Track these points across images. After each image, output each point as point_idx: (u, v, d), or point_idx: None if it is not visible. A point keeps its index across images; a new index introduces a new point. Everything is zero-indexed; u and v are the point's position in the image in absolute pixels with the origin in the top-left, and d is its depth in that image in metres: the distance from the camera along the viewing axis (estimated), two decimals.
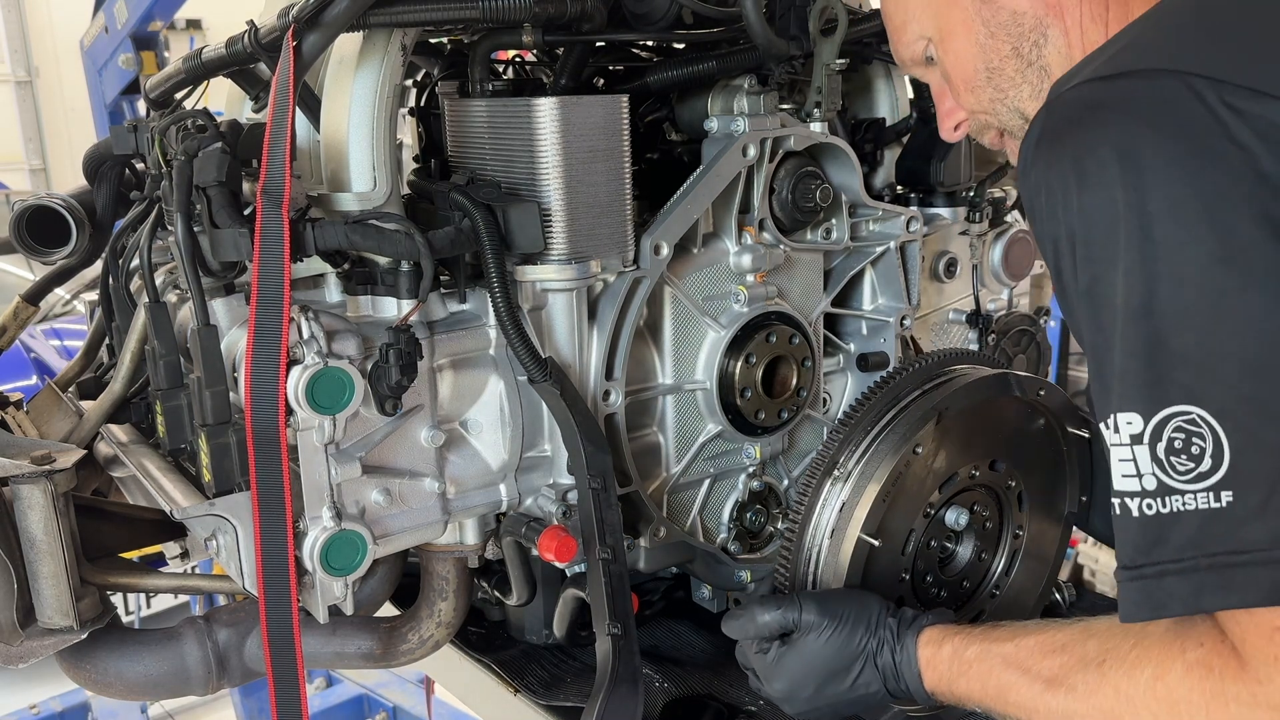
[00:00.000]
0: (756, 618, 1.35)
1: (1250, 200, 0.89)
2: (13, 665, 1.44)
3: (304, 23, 1.30)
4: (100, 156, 1.92)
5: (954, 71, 1.28)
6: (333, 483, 1.34)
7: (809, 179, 1.64)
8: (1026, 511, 1.58)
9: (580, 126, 1.41)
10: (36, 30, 11.89)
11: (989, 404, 1.48)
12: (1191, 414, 0.90)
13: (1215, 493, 0.90)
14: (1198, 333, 0.90)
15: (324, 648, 1.56)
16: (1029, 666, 1.12)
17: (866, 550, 1.39)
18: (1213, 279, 0.90)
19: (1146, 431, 0.93)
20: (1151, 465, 0.92)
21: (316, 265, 1.42)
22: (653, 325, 1.59)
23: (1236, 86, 0.91)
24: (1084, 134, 0.96)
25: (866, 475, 1.40)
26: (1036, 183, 1.01)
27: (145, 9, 4.91)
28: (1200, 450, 0.90)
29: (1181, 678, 0.94)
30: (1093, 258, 0.96)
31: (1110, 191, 0.93)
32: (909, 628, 1.28)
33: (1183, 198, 0.90)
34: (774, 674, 1.34)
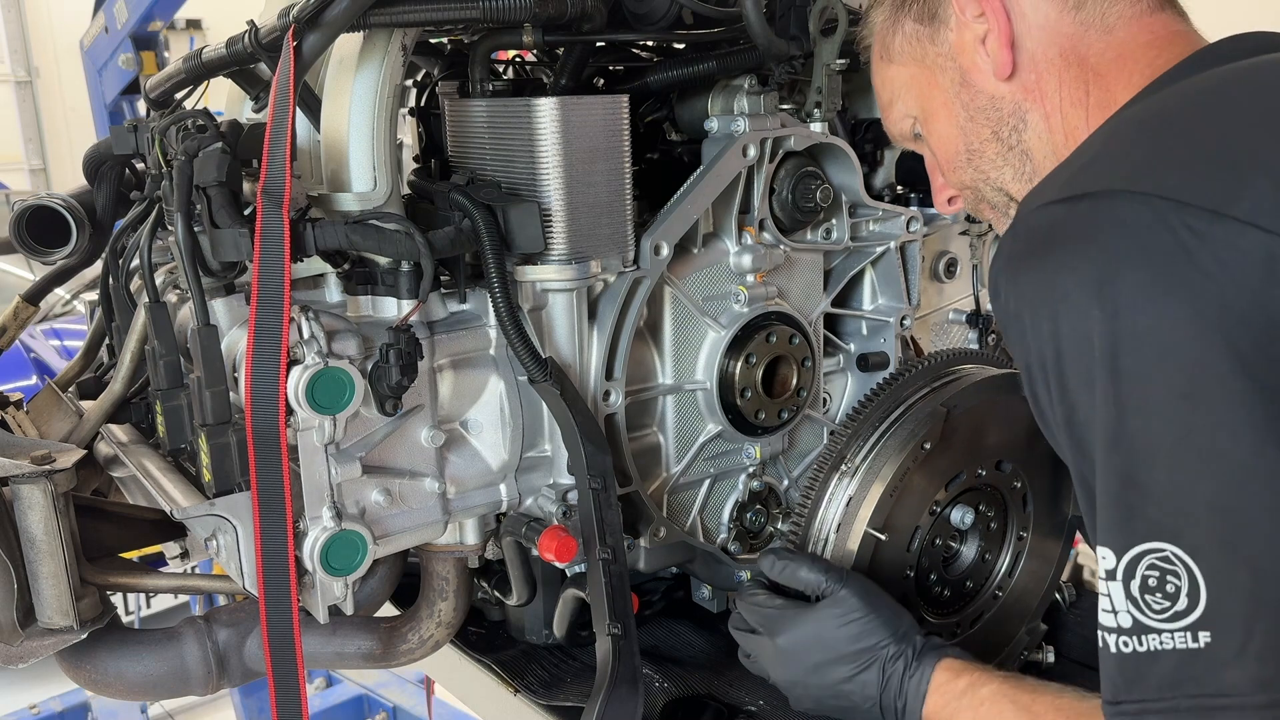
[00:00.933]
0: (801, 568, 1.32)
1: (1217, 331, 0.87)
2: (13, 665, 1.44)
3: (304, 23, 1.30)
4: (100, 156, 1.92)
5: (938, 151, 1.29)
6: (333, 483, 1.34)
7: (809, 179, 1.64)
8: (1031, 513, 1.58)
9: (580, 126, 1.41)
10: (36, 30, 11.90)
11: (997, 403, 1.48)
12: (1165, 551, 0.89)
13: (1193, 633, 0.88)
14: (1166, 469, 0.89)
15: (324, 648, 1.56)
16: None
17: (873, 544, 1.39)
18: (1178, 415, 0.88)
19: (1120, 568, 0.91)
20: (1126, 603, 0.91)
21: (316, 265, 1.42)
22: (653, 325, 1.60)
23: (1199, 209, 0.89)
24: (1047, 260, 0.95)
25: (874, 470, 1.40)
26: (1005, 307, 1.00)
27: (145, 9, 4.91)
28: (1175, 589, 0.88)
29: None
30: (1067, 388, 0.95)
31: (1077, 321, 0.92)
32: (933, 651, 1.27)
33: (1147, 330, 0.88)
34: (782, 629, 1.31)
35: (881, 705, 1.27)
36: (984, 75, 1.20)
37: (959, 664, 1.25)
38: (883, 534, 1.39)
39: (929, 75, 1.26)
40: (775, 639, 1.32)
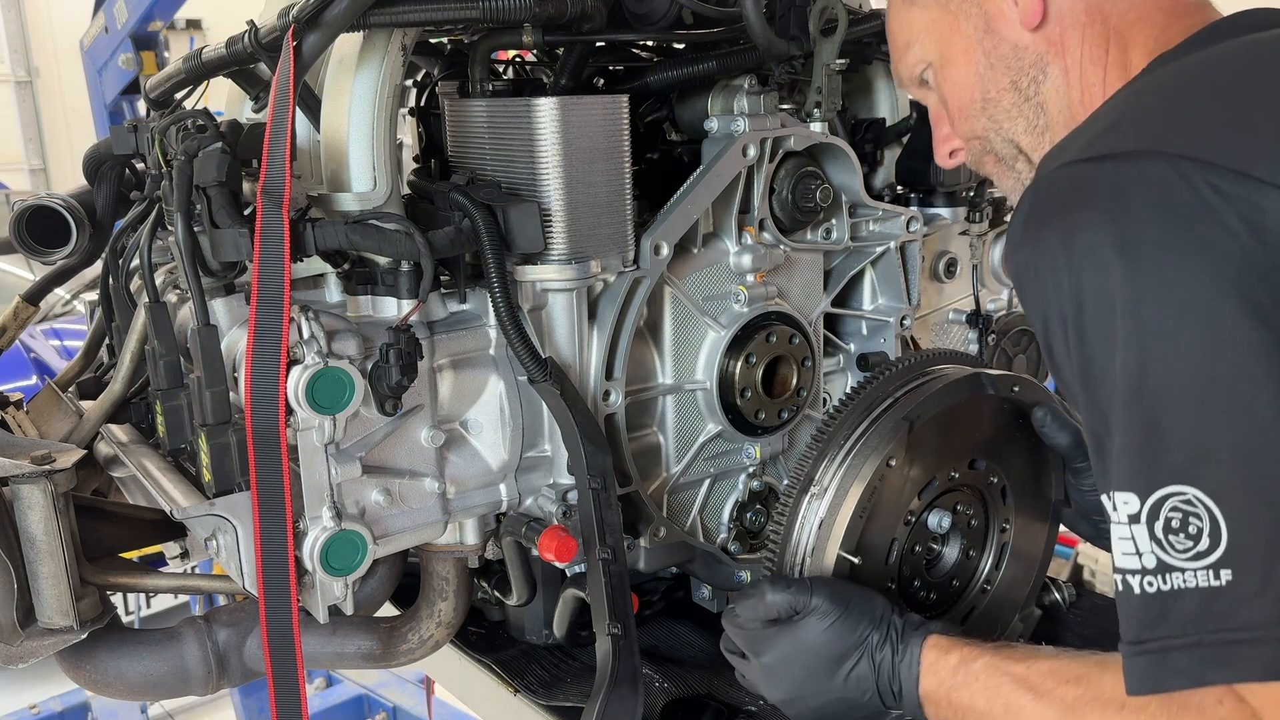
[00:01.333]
0: (766, 596, 1.32)
1: (1237, 287, 0.89)
2: (13, 665, 1.44)
3: (304, 23, 1.30)
4: (100, 156, 1.92)
5: (951, 98, 1.29)
6: (333, 483, 1.34)
7: (809, 179, 1.64)
8: (1012, 505, 1.57)
9: (580, 126, 1.41)
10: (36, 30, 11.90)
11: (962, 406, 1.47)
12: (1187, 494, 0.91)
13: (1215, 571, 0.90)
14: (1189, 416, 0.91)
15: (324, 648, 1.55)
16: (1043, 691, 1.10)
17: (847, 567, 1.38)
18: (1201, 365, 0.90)
19: (1144, 511, 0.94)
20: (1150, 544, 0.93)
21: (316, 265, 1.42)
22: (653, 325, 1.60)
23: (1223, 169, 0.91)
24: (1071, 217, 0.97)
25: (842, 492, 1.38)
26: (1025, 261, 1.01)
27: (145, 9, 4.91)
28: (1198, 529, 0.91)
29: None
30: (1085, 340, 0.97)
31: (1100, 275, 0.94)
32: (915, 630, 1.26)
33: (1170, 284, 0.91)
34: (765, 649, 1.31)
35: (879, 693, 1.26)
36: (1010, 24, 1.20)
37: (946, 641, 1.24)
38: (856, 557, 1.37)
39: (951, 20, 1.26)
40: (761, 660, 1.31)
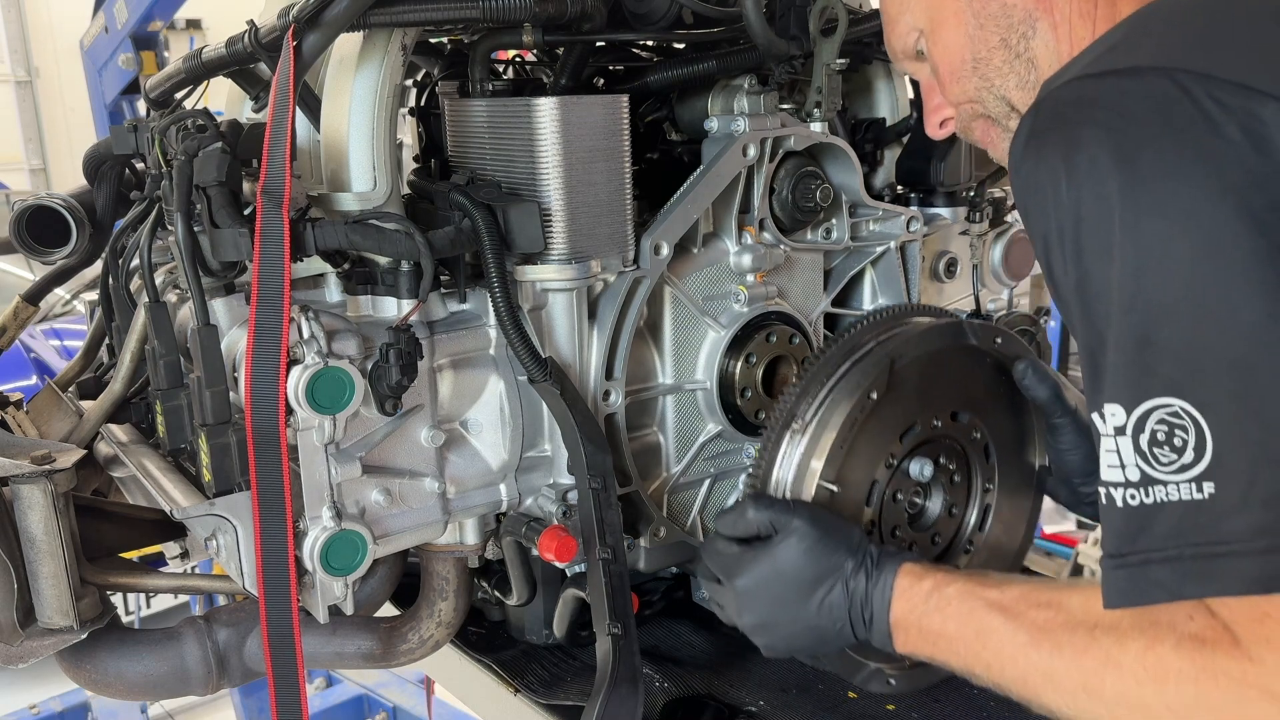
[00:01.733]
0: (748, 513, 1.34)
1: (1235, 196, 0.90)
2: (13, 665, 1.44)
3: (304, 22, 1.30)
4: (100, 156, 1.92)
5: (941, 62, 1.29)
6: (333, 483, 1.34)
7: (809, 179, 1.64)
8: (995, 464, 1.57)
9: (580, 126, 1.41)
10: (36, 30, 11.89)
11: (945, 352, 1.48)
12: (1174, 406, 0.91)
13: (1198, 484, 0.90)
14: (1182, 327, 0.91)
15: (324, 648, 1.55)
16: (1015, 614, 1.11)
17: (826, 497, 1.39)
18: (1196, 275, 0.90)
19: (1129, 423, 0.94)
20: (1135, 457, 0.94)
21: (316, 265, 1.42)
22: (653, 325, 1.60)
23: (1223, 81, 0.92)
24: (1073, 131, 0.97)
25: (822, 425, 1.40)
26: (1027, 179, 1.02)
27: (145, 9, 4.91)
28: (1183, 442, 0.91)
29: (1173, 649, 0.94)
30: (1083, 252, 0.97)
31: (1099, 187, 0.94)
32: (890, 558, 1.27)
33: (1168, 194, 0.91)
34: (741, 571, 1.31)
35: (850, 620, 1.27)
36: None
37: (920, 568, 1.25)
38: (835, 486, 1.38)
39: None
40: (736, 583, 1.32)
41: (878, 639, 1.26)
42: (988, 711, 1.54)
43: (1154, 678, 0.95)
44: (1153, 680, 0.95)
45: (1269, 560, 0.88)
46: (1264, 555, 0.88)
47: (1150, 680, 0.95)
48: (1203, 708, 0.92)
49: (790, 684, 1.62)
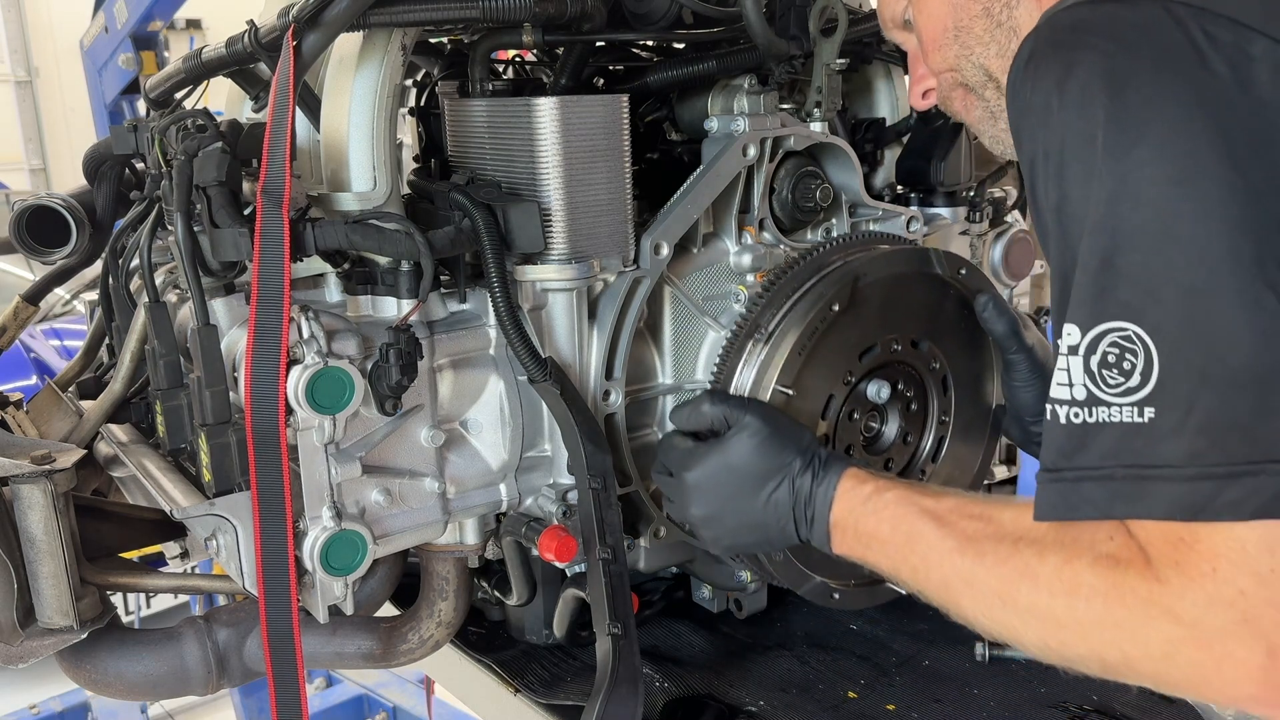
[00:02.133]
0: (703, 406, 1.37)
1: (1215, 130, 0.91)
2: (13, 665, 1.44)
3: (304, 22, 1.30)
4: (100, 156, 1.92)
5: (925, 30, 1.30)
6: (333, 483, 1.34)
7: (809, 179, 1.64)
8: (953, 398, 1.59)
9: (580, 126, 1.41)
10: (36, 30, 11.89)
11: (909, 277, 1.51)
12: (1128, 330, 0.93)
13: (1139, 408, 0.92)
14: (1145, 252, 0.92)
15: (324, 648, 1.55)
16: (946, 522, 1.14)
17: (782, 401, 1.42)
18: (1166, 201, 0.91)
19: (1083, 344, 0.95)
20: (1083, 376, 0.95)
21: (316, 265, 1.42)
22: (653, 325, 1.59)
23: (1216, 15, 0.93)
24: (1067, 54, 0.98)
25: (784, 333, 1.44)
26: (1022, 102, 1.03)
27: (145, 9, 4.90)
28: (1131, 366, 0.92)
29: (1089, 565, 0.97)
30: (1065, 175, 0.98)
31: (1087, 110, 0.95)
32: (837, 461, 1.30)
33: (1151, 121, 0.92)
34: (693, 464, 1.34)
35: (794, 519, 1.30)
36: None
37: (864, 473, 1.28)
38: (790, 390, 1.41)
39: None
40: (686, 475, 1.35)
41: (817, 539, 1.29)
42: (988, 711, 1.54)
43: (1066, 591, 0.97)
44: (1065, 593, 0.98)
45: (1196, 486, 0.89)
46: (1192, 481, 0.89)
47: (1062, 593, 0.98)
48: (1107, 623, 0.95)
49: (790, 684, 1.62)
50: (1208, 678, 0.90)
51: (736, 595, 1.76)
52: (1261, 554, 0.87)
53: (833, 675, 1.64)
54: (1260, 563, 0.87)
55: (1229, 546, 0.88)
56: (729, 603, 1.77)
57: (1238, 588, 0.87)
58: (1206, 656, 0.89)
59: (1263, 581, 0.87)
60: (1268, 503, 0.87)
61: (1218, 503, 0.88)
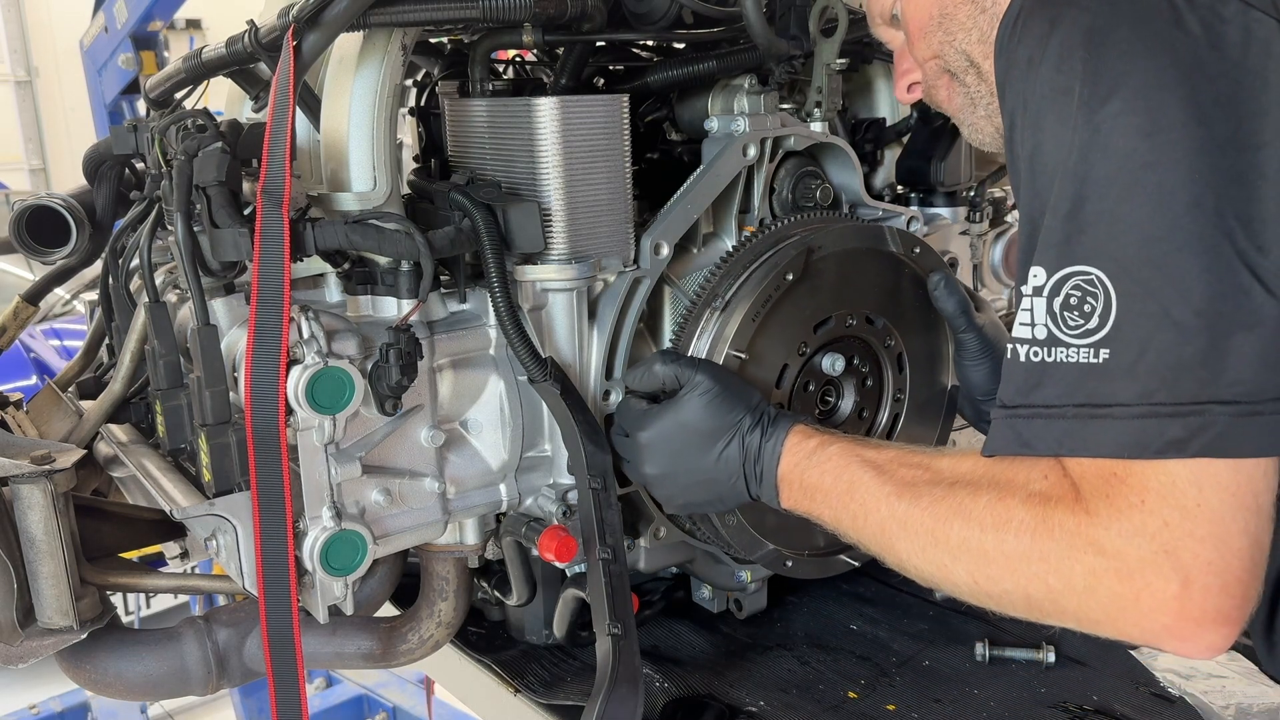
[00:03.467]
0: (654, 366, 1.42)
1: (1186, 85, 0.94)
2: (13, 665, 1.43)
3: (304, 22, 1.30)
4: (100, 156, 1.92)
5: (912, 20, 1.32)
6: (333, 483, 1.34)
7: (809, 179, 1.64)
8: (908, 376, 1.62)
9: (580, 126, 1.41)
10: (36, 30, 11.90)
11: (865, 253, 1.54)
12: (1091, 274, 0.96)
13: (1095, 349, 0.96)
14: (1113, 200, 0.95)
15: (324, 648, 1.55)
16: (885, 470, 1.19)
17: (736, 365, 1.45)
18: (1136, 151, 0.95)
19: (1048, 285, 0.98)
20: (1045, 317, 0.98)
21: (316, 265, 1.42)
22: (653, 325, 1.59)
23: None
24: (1053, 11, 1.01)
25: (739, 301, 1.47)
26: (1009, 57, 1.06)
27: (145, 9, 4.91)
28: (1091, 309, 0.96)
29: (1021, 502, 1.01)
30: (1042, 124, 1.01)
31: (1066, 64, 0.99)
32: (785, 418, 1.35)
33: (1125, 74, 0.96)
34: (647, 424, 1.39)
35: (745, 475, 1.34)
36: None
37: (810, 429, 1.33)
38: (744, 354, 1.45)
39: None
40: (640, 434, 1.40)
41: (766, 494, 1.34)
42: (988, 712, 1.54)
43: (996, 525, 1.01)
44: (994, 528, 1.01)
45: (1144, 424, 0.93)
46: (1140, 419, 0.93)
47: (992, 528, 1.02)
48: (1034, 555, 0.98)
49: (791, 684, 1.62)
50: (1125, 609, 0.94)
51: (736, 595, 1.76)
52: (1189, 488, 0.91)
53: (833, 675, 1.64)
54: (1187, 496, 0.91)
55: (1159, 481, 0.92)
56: (729, 603, 1.77)
57: (1162, 519, 0.91)
58: (1126, 588, 0.93)
59: (1187, 514, 0.91)
60: (1210, 442, 0.91)
61: (1162, 441, 0.92)
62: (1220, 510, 0.91)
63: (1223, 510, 0.91)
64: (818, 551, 1.62)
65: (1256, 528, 0.92)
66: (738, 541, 1.54)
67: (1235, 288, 0.92)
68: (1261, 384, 0.92)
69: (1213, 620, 0.92)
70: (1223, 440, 0.91)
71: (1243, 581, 0.92)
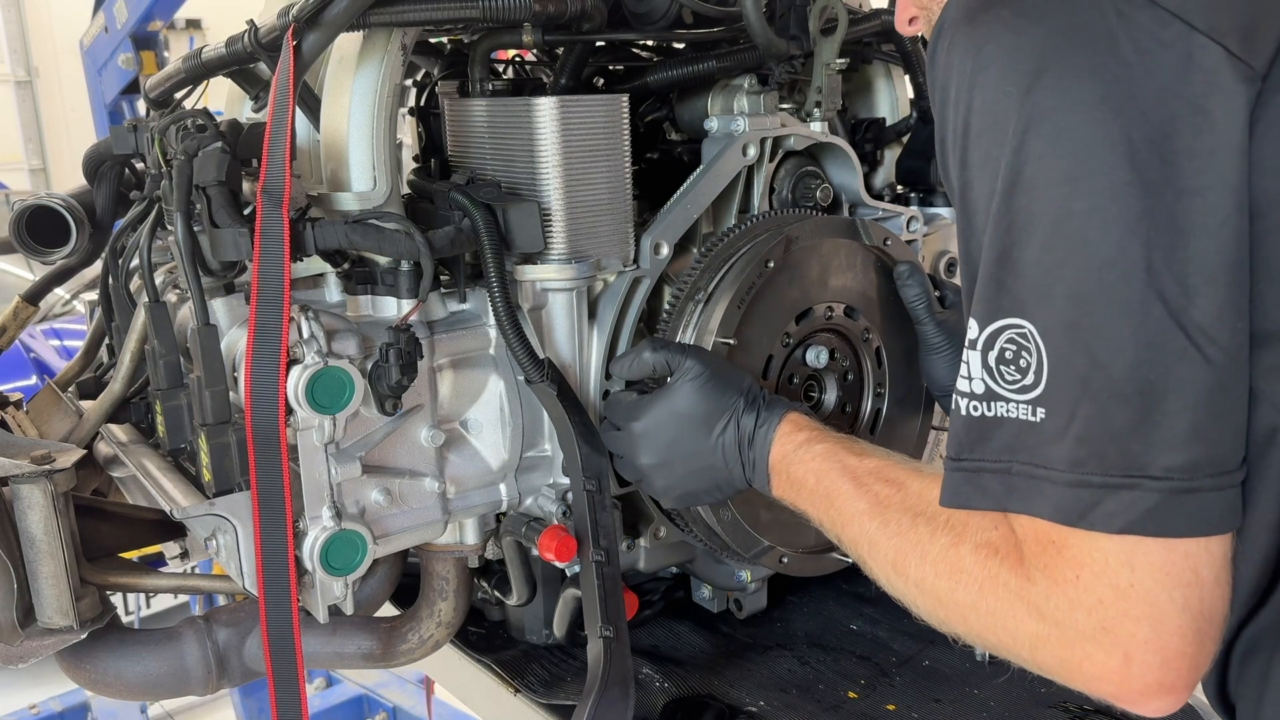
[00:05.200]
0: (643, 353, 1.41)
1: (1118, 123, 0.86)
2: (13, 665, 1.43)
3: (304, 22, 1.30)
4: (100, 156, 1.92)
5: None
6: (333, 482, 1.34)
7: (809, 178, 1.64)
8: (887, 370, 1.64)
9: (580, 126, 1.41)
10: (36, 30, 11.89)
11: (842, 246, 1.56)
12: (1023, 328, 0.91)
13: (1033, 407, 0.91)
14: (1037, 249, 0.90)
15: (324, 648, 1.55)
16: (863, 484, 1.19)
17: (724, 352, 1.46)
18: (1060, 197, 0.88)
19: (981, 339, 0.94)
20: (982, 371, 0.95)
21: (316, 265, 1.42)
22: (653, 325, 1.59)
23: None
24: (980, 32, 0.94)
25: (724, 290, 1.49)
26: (934, 78, 1.00)
27: (145, 9, 4.91)
28: (1027, 364, 0.92)
29: (971, 552, 1.00)
30: (968, 163, 0.96)
31: (990, 95, 0.92)
32: (779, 403, 1.35)
33: (1051, 109, 0.89)
34: (640, 414, 1.38)
35: (742, 461, 1.34)
36: None
37: (803, 419, 1.33)
38: (731, 340, 1.46)
39: None
40: (633, 425, 1.39)
41: (759, 481, 1.34)
42: (988, 712, 1.54)
43: (949, 573, 1.01)
44: (947, 575, 1.02)
45: (1075, 494, 0.89)
46: (1071, 488, 0.90)
47: (945, 574, 1.02)
48: (982, 610, 0.98)
49: (791, 684, 1.62)
50: (1071, 673, 0.93)
51: (736, 595, 1.76)
52: (1121, 568, 0.88)
53: (833, 675, 1.64)
54: (1119, 576, 0.88)
55: (1093, 557, 0.89)
56: (729, 603, 1.77)
57: (1097, 596, 0.89)
58: (1069, 655, 0.92)
59: (1120, 594, 0.88)
60: (1137, 519, 0.87)
61: (1093, 514, 0.88)
62: (1154, 590, 0.87)
63: (1156, 590, 0.87)
64: (811, 549, 1.62)
65: (1198, 601, 0.88)
66: (732, 537, 1.54)
67: (1168, 352, 0.86)
68: (1195, 458, 0.87)
69: (1156, 691, 0.90)
70: (1153, 518, 0.87)
71: (1185, 655, 0.89)
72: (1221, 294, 0.86)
